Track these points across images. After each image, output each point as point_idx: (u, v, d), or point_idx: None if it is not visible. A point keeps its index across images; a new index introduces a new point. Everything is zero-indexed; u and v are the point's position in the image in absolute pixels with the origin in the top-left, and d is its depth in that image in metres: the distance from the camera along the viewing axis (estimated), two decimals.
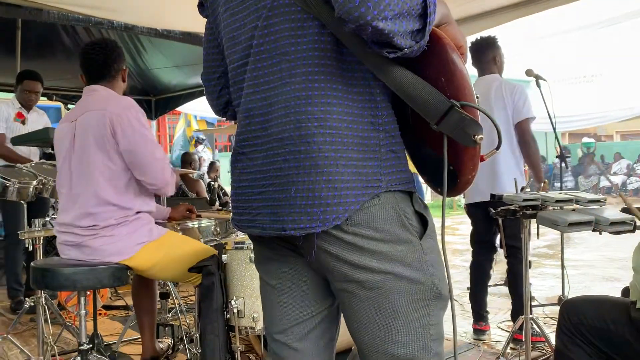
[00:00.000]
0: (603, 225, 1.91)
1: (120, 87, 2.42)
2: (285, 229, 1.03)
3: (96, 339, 2.64)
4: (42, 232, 2.79)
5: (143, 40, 5.43)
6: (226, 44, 1.16)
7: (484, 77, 3.22)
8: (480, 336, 3.20)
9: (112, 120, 2.18)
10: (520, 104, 3.03)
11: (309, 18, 0.99)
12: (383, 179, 1.01)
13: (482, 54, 3.22)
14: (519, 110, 3.03)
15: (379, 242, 1.00)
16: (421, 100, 0.91)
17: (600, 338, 1.60)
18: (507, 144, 3.03)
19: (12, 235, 3.88)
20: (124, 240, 2.20)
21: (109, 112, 2.19)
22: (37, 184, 3.08)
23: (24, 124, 4.12)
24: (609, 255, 6.19)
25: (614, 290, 3.95)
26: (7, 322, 3.67)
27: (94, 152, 2.19)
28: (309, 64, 1.00)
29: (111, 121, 2.18)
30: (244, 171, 1.12)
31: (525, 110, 3.04)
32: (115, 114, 2.19)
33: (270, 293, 1.21)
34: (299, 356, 1.19)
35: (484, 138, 0.91)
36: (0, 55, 5.17)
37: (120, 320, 3.77)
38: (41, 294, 2.87)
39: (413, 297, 1.02)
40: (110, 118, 2.18)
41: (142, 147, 2.21)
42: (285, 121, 1.01)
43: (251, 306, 2.16)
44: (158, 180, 2.26)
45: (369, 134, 1.01)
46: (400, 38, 0.85)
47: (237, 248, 2.21)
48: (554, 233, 6.78)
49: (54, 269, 2.11)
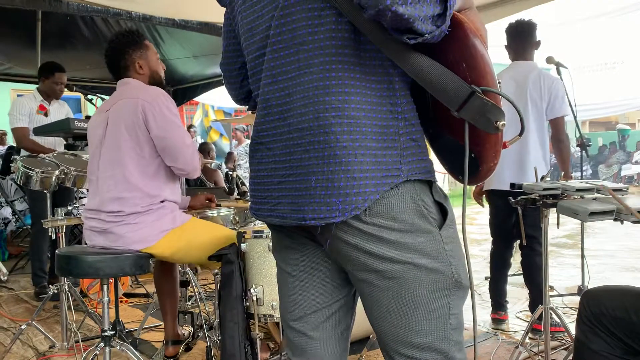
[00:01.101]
0: (625, 214, 1.88)
1: (140, 78, 2.43)
2: (305, 218, 1.03)
3: (118, 326, 2.69)
4: (64, 221, 2.84)
5: (161, 30, 5.45)
6: (244, 35, 1.16)
7: (519, 63, 3.11)
8: (499, 325, 3.19)
9: (145, 107, 2.24)
10: (558, 100, 2.97)
11: (326, 7, 0.98)
12: (403, 167, 1.00)
13: (523, 38, 3.09)
14: (556, 107, 2.97)
15: (397, 232, 1.00)
16: (441, 87, 0.90)
17: (622, 328, 1.58)
18: (537, 135, 2.99)
19: (37, 224, 3.96)
20: (148, 228, 2.24)
21: (141, 99, 2.25)
22: (59, 174, 3.14)
23: (47, 116, 4.18)
24: (629, 245, 6.11)
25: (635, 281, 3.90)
26: (32, 309, 3.76)
27: (124, 139, 2.25)
28: (326, 54, 0.99)
29: (143, 108, 2.23)
30: (263, 160, 1.12)
31: (563, 108, 2.98)
32: (148, 101, 2.25)
33: (288, 281, 1.22)
34: (314, 344, 1.20)
35: (506, 125, 0.90)
36: (21, 47, 5.25)
37: (141, 307, 3.83)
38: (64, 281, 2.92)
39: (433, 286, 1.02)
40: (143, 105, 2.24)
41: (173, 133, 2.26)
42: (304, 112, 1.01)
43: (270, 294, 2.18)
44: (188, 166, 2.32)
45: (388, 123, 1.00)
46: (420, 23, 0.84)
47: (256, 237, 2.22)
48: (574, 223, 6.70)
49: (77, 257, 2.15)
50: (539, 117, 3.00)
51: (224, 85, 1.37)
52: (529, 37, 3.10)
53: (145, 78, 2.44)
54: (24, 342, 3.11)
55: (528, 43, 3.10)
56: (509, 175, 2.93)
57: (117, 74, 2.45)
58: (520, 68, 3.08)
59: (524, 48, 3.11)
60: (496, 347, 2.89)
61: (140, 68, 2.43)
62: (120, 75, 2.44)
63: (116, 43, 2.43)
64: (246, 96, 1.33)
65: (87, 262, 2.14)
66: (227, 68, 1.32)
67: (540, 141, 3.02)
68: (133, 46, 2.41)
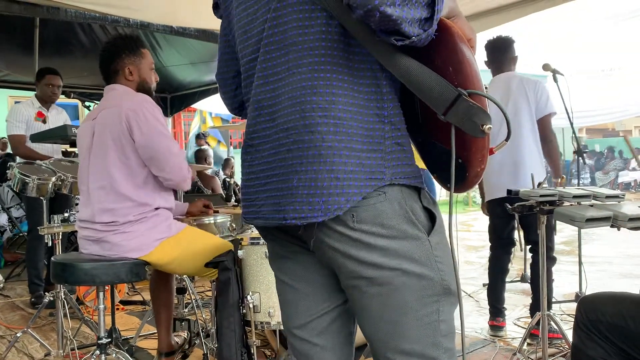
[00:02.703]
0: (622, 221, 1.88)
1: (128, 84, 2.39)
2: (286, 218, 1.03)
3: (114, 334, 2.68)
4: (60, 228, 2.83)
5: (158, 37, 5.47)
6: (239, 38, 1.17)
7: (500, 75, 3.19)
8: (497, 332, 3.18)
9: (128, 116, 2.20)
10: (543, 100, 3.03)
11: (317, 9, 0.99)
12: (387, 171, 1.00)
13: (501, 53, 3.19)
14: (541, 106, 3.03)
15: (385, 238, 1.00)
16: (428, 89, 0.91)
17: (618, 335, 1.58)
18: (532, 140, 3.03)
19: (33, 231, 3.94)
20: (143, 236, 2.23)
21: (125, 108, 2.21)
22: (55, 180, 3.13)
23: (45, 123, 4.18)
24: (627, 252, 6.11)
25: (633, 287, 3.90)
26: (28, 317, 3.74)
27: (111, 149, 2.22)
28: (315, 54, 1.00)
29: (127, 117, 2.20)
30: (253, 163, 1.12)
31: (549, 106, 3.03)
32: (131, 109, 2.21)
33: (285, 290, 1.22)
34: (319, 351, 1.20)
35: (497, 131, 0.90)
36: (18, 54, 5.26)
37: (138, 315, 3.82)
38: (60, 288, 2.91)
39: (422, 292, 1.02)
40: (126, 114, 2.20)
41: (158, 142, 2.22)
42: (290, 111, 1.02)
43: (267, 301, 2.18)
44: (175, 175, 2.27)
45: (374, 126, 1.00)
46: (407, 25, 0.85)
47: (253, 243, 2.22)
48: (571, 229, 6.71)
49: (73, 264, 2.15)
50: (531, 122, 3.03)
51: (220, 96, 1.38)
52: (506, 52, 3.19)
53: (133, 85, 2.40)
54: (20, 349, 3.09)
55: (506, 58, 3.19)
56: (506, 182, 2.94)
57: (107, 76, 2.41)
58: (502, 79, 3.16)
59: (502, 63, 3.19)
60: (494, 354, 2.88)
61: (130, 74, 2.39)
62: (109, 79, 2.41)
63: (112, 45, 2.41)
64: (240, 105, 1.33)
65: (83, 270, 2.13)
66: (222, 77, 1.32)
67: (536, 145, 3.05)
68: (127, 51, 2.39)
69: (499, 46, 3.20)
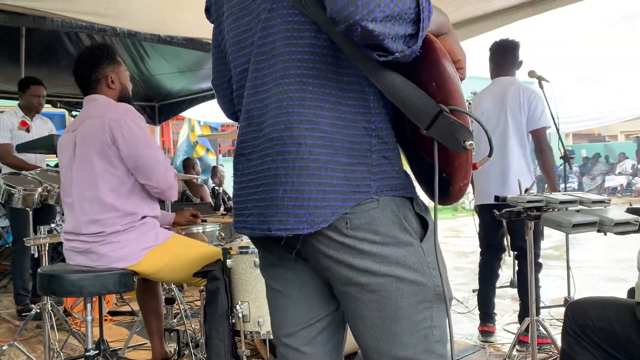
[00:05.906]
0: (608, 225, 1.91)
1: (110, 92, 2.37)
2: (271, 229, 1.03)
3: (102, 345, 2.65)
4: (47, 239, 2.80)
5: (146, 46, 5.45)
6: (230, 48, 1.17)
7: (500, 79, 3.19)
8: (487, 338, 3.19)
9: (112, 126, 2.18)
10: (537, 112, 3.02)
11: (307, 21, 0.99)
12: (373, 184, 1.01)
13: (507, 56, 3.18)
14: (536, 118, 3.03)
15: (379, 244, 1.00)
16: (411, 104, 0.91)
17: (606, 339, 1.60)
18: (519, 147, 3.04)
19: (19, 242, 3.90)
20: (130, 246, 2.21)
21: (108, 119, 2.20)
22: (42, 191, 3.10)
23: (29, 132, 4.14)
24: (614, 256, 6.16)
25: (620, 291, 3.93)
26: (14, 329, 3.68)
27: (95, 160, 2.20)
28: (303, 67, 1.00)
29: (110, 128, 2.18)
30: (244, 172, 1.13)
31: (543, 119, 3.04)
32: (114, 120, 2.19)
33: (276, 298, 1.22)
34: (307, 359, 1.19)
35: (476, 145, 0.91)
36: (4, 63, 5.21)
37: (126, 326, 3.78)
38: (47, 300, 2.88)
39: (415, 299, 1.02)
40: (110, 125, 2.19)
41: (143, 150, 2.22)
42: (276, 121, 1.02)
43: (256, 311, 2.16)
44: (161, 183, 2.27)
45: (360, 139, 1.01)
46: (390, 41, 0.85)
47: (242, 253, 2.21)
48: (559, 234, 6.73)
49: (60, 275, 2.12)
50: (519, 130, 3.04)
51: (217, 101, 1.38)
52: (509, 55, 3.19)
53: (115, 93, 2.38)
54: None
55: (510, 61, 3.18)
56: (494, 189, 2.96)
57: (87, 87, 2.38)
58: (501, 83, 3.16)
59: (505, 66, 3.19)
60: None
61: (112, 82, 2.37)
62: (89, 90, 2.37)
63: (90, 54, 2.38)
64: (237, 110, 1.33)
65: (70, 281, 2.10)
66: (217, 82, 1.33)
67: (523, 153, 3.05)
68: (107, 60, 2.37)
69: (505, 48, 3.19)
